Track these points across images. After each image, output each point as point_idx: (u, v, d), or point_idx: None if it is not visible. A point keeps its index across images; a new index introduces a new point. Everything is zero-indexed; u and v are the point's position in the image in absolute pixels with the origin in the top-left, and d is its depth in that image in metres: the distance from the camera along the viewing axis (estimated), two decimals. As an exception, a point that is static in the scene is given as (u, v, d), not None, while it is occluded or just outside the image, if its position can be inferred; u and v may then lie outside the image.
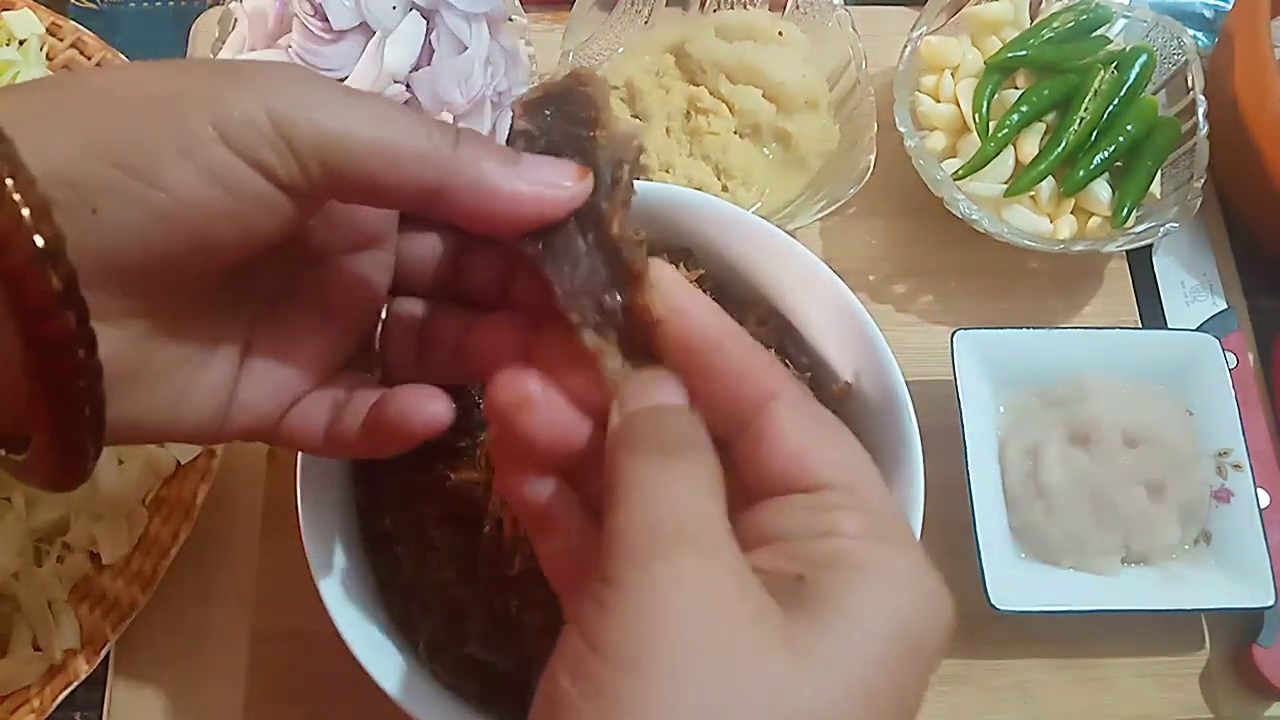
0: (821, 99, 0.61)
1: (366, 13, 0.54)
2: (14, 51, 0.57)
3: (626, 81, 0.59)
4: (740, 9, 0.63)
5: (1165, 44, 0.64)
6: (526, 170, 0.27)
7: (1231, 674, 0.55)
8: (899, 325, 0.61)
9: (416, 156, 0.26)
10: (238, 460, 0.54)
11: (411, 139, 0.26)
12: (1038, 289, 0.64)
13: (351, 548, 0.42)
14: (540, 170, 0.27)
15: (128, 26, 0.66)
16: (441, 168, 0.26)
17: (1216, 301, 0.64)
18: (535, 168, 0.27)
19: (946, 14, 0.64)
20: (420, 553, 0.42)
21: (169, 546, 0.49)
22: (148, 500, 0.51)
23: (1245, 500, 0.54)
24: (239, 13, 0.56)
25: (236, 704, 0.50)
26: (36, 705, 0.47)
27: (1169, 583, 0.53)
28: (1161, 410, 0.56)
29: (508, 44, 0.58)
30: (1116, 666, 0.54)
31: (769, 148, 0.61)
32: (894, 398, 0.43)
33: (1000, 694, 0.53)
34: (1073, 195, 0.60)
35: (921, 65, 0.64)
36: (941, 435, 0.51)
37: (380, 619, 0.41)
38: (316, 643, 0.39)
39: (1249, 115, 0.60)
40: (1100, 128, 0.61)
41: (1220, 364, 0.57)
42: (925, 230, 0.64)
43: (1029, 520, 0.53)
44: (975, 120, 0.61)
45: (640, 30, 0.63)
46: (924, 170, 0.60)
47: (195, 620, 0.51)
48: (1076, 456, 0.54)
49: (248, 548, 0.53)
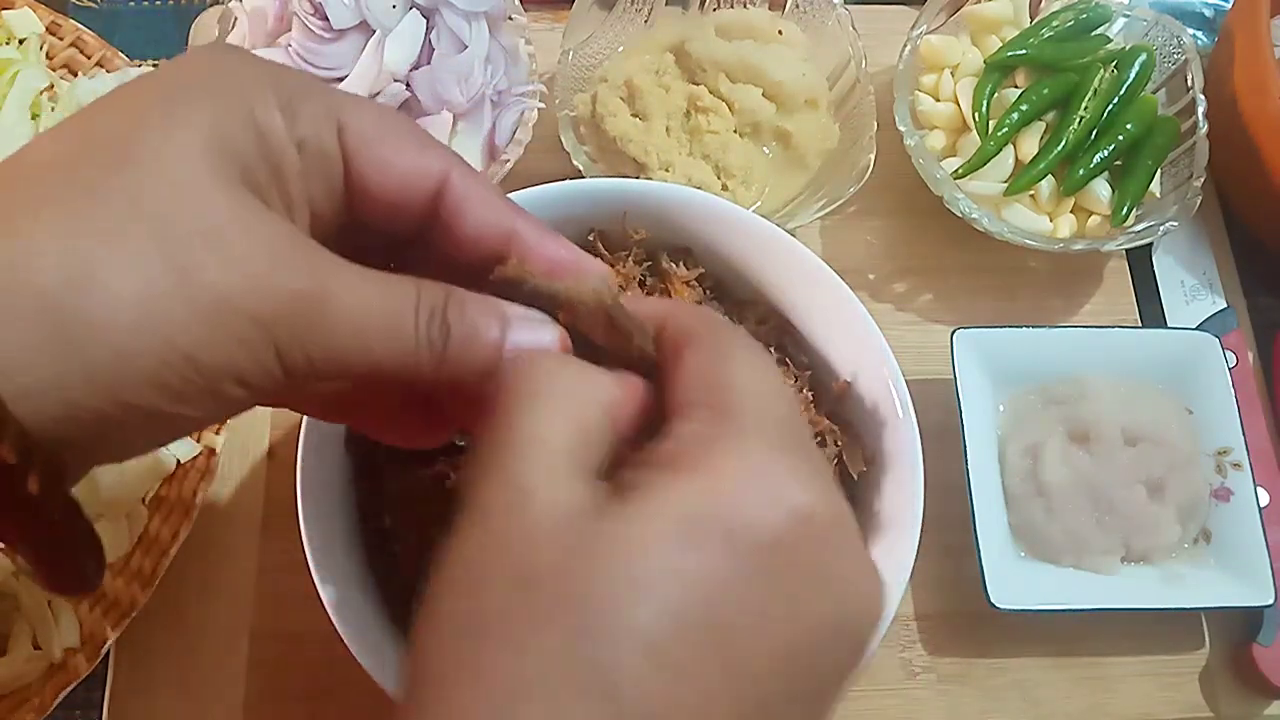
0: (821, 98, 0.61)
1: (366, 11, 0.54)
2: (14, 50, 0.57)
3: (626, 81, 0.59)
4: (740, 8, 0.63)
5: (1165, 43, 0.64)
6: (509, 364, 0.27)
7: (1231, 673, 0.55)
8: (899, 324, 0.61)
9: (391, 375, 0.26)
10: (238, 460, 0.54)
11: (392, 363, 0.26)
12: (1037, 288, 0.64)
13: (351, 548, 0.42)
14: (526, 334, 0.28)
15: (128, 25, 0.66)
16: (419, 378, 0.26)
17: (1216, 300, 0.64)
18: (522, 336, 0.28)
19: (946, 13, 0.64)
20: (420, 553, 0.42)
21: (169, 545, 0.49)
22: (148, 499, 0.50)
23: (1245, 499, 0.55)
24: (239, 12, 0.56)
25: (236, 703, 0.50)
26: (36, 704, 0.47)
27: (1169, 581, 0.53)
28: (1161, 409, 0.56)
29: (508, 43, 0.58)
30: (1116, 665, 0.54)
31: (769, 147, 0.61)
32: (894, 396, 0.43)
33: (1000, 693, 0.53)
34: (1072, 194, 0.60)
35: (921, 64, 0.64)
36: (941, 434, 0.51)
37: (380, 619, 0.41)
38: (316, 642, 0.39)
39: (1249, 114, 0.60)
40: (1100, 127, 0.61)
41: (1220, 363, 0.57)
42: (925, 229, 0.64)
43: (1029, 519, 0.53)
44: (975, 119, 0.61)
45: (640, 29, 0.63)
46: (924, 169, 0.60)
47: (195, 619, 0.51)
48: (1076, 455, 0.54)
49: (248, 547, 0.53)
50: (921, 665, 0.53)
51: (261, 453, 0.55)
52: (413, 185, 0.28)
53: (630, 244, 0.47)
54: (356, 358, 0.25)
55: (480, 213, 0.29)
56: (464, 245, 0.29)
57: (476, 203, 0.29)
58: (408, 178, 0.28)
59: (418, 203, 0.28)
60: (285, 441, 0.55)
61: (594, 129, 0.59)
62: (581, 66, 0.61)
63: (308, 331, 0.24)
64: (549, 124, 0.58)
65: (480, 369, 0.27)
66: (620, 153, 0.58)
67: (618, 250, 0.47)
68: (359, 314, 0.25)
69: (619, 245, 0.47)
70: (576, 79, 0.60)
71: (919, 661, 0.54)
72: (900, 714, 0.53)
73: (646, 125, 0.58)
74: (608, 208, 0.46)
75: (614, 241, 0.47)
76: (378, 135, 0.28)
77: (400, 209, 0.28)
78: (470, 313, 0.27)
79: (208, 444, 0.51)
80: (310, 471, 0.40)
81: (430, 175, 0.28)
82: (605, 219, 0.46)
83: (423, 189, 0.28)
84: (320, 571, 0.39)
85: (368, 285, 0.25)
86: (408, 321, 0.26)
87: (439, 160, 0.29)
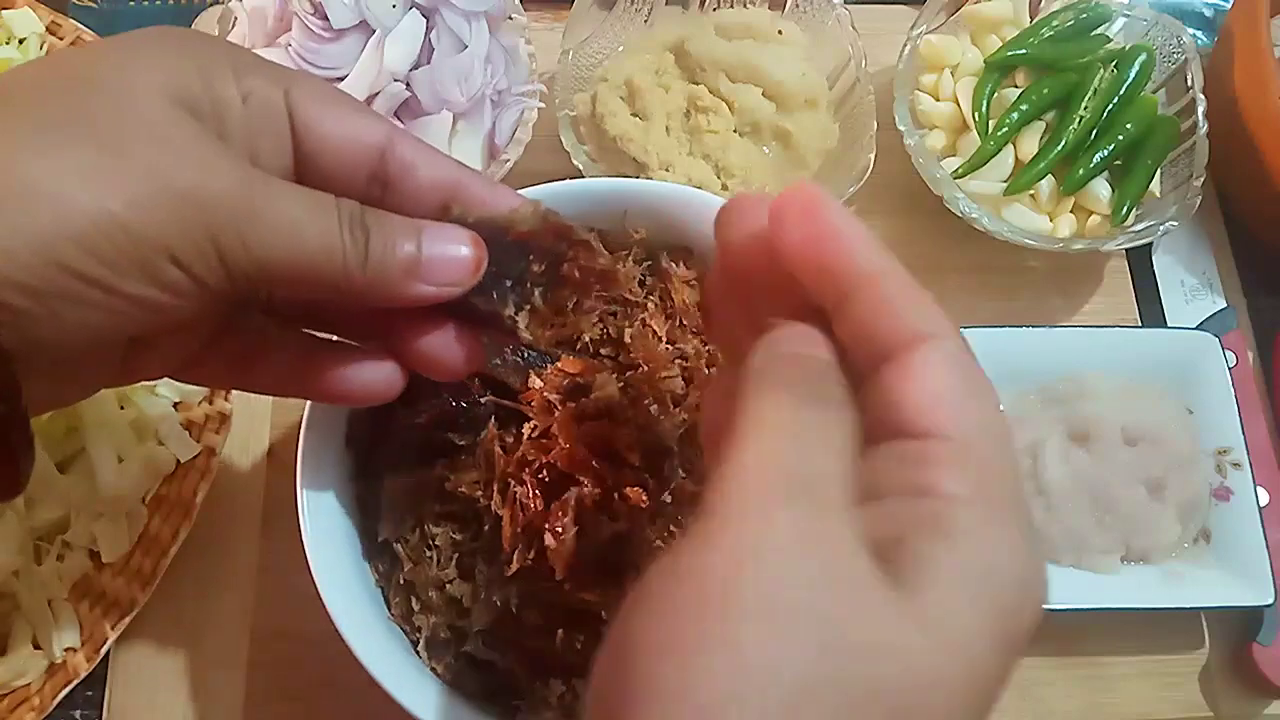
0: (821, 97, 0.61)
1: (366, 11, 0.54)
2: (13, 50, 0.57)
3: (626, 80, 0.59)
4: (740, 7, 0.63)
5: (1165, 42, 0.64)
6: (429, 270, 0.31)
7: (1231, 672, 0.55)
8: (899, 324, 0.61)
9: (330, 281, 0.30)
10: (238, 459, 0.54)
11: (325, 264, 0.29)
12: (1037, 287, 0.64)
13: (351, 547, 0.42)
14: (440, 245, 0.31)
15: (127, 24, 0.66)
16: (352, 285, 0.30)
17: (1216, 300, 0.64)
18: (436, 248, 0.31)
19: (946, 12, 0.64)
20: (420, 552, 0.42)
21: (169, 545, 0.49)
22: (148, 499, 0.50)
23: (1245, 498, 0.55)
24: (239, 11, 0.56)
25: (236, 702, 0.50)
26: (36, 703, 0.47)
27: (1169, 581, 0.53)
28: (1161, 408, 0.56)
29: (507, 42, 0.58)
30: (1116, 664, 0.54)
31: (769, 146, 0.61)
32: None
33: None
34: (1072, 194, 0.60)
35: (921, 64, 0.64)
36: (941, 434, 0.51)
37: (380, 618, 0.41)
38: (316, 642, 0.39)
39: (1248, 114, 0.60)
40: (1100, 126, 0.61)
41: (1220, 362, 0.57)
42: (925, 229, 0.64)
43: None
44: (975, 119, 0.61)
45: (640, 29, 0.63)
46: (924, 169, 0.60)
47: (195, 619, 0.51)
48: (1076, 455, 0.54)
49: (248, 547, 0.53)
50: (921, 665, 0.53)
51: (261, 452, 0.55)
52: (358, 144, 0.31)
53: (630, 244, 0.47)
54: (289, 256, 0.28)
55: (426, 170, 0.32)
56: (418, 200, 0.32)
57: (422, 162, 0.32)
58: (352, 137, 0.31)
59: (363, 163, 0.31)
60: (285, 441, 0.55)
61: (594, 129, 0.59)
62: (581, 66, 0.61)
63: (242, 219, 0.27)
64: (549, 124, 0.58)
65: (402, 270, 0.30)
66: (620, 153, 0.58)
67: (618, 250, 0.47)
68: (288, 208, 0.28)
69: (619, 245, 0.47)
70: (576, 79, 0.60)
71: (919, 661, 0.53)
72: (900, 713, 0.52)
73: (646, 125, 0.58)
74: (608, 208, 0.46)
75: (614, 241, 0.47)
76: (322, 101, 0.31)
77: (347, 169, 0.31)
78: (386, 222, 0.30)
79: (208, 444, 0.51)
80: (310, 471, 0.40)
81: (373, 136, 0.32)
82: (605, 219, 0.46)
83: (367, 149, 0.31)
84: (320, 571, 0.39)
85: (293, 190, 0.29)
86: (331, 219, 0.29)
87: (381, 125, 0.32)
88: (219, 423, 0.52)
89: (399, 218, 0.31)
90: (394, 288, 0.31)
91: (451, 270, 0.31)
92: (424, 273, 0.31)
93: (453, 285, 0.31)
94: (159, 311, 0.27)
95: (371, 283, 0.30)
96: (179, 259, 0.26)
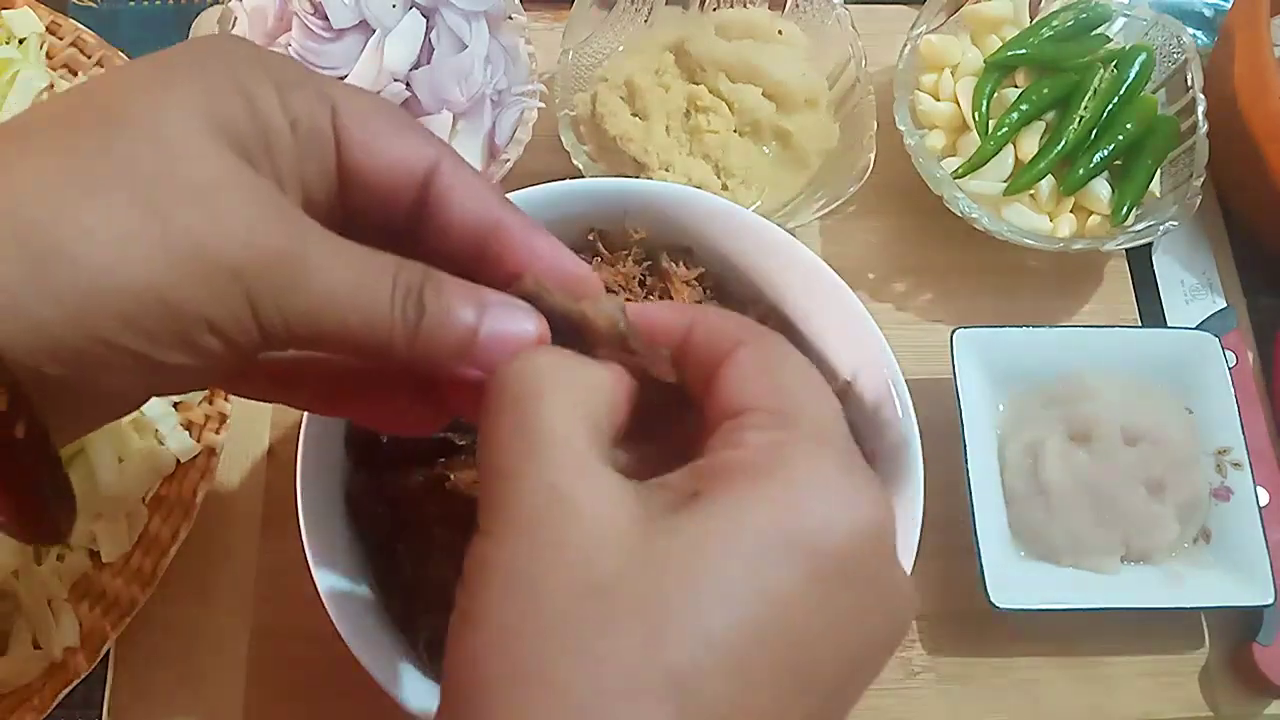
0: (821, 97, 0.61)
1: (366, 11, 0.54)
2: (14, 50, 0.57)
3: (626, 80, 0.59)
4: (740, 7, 0.63)
5: (1165, 42, 0.64)
6: (484, 352, 0.27)
7: (1231, 672, 0.55)
8: (898, 323, 0.61)
9: (369, 350, 0.26)
10: (238, 459, 0.54)
11: (368, 338, 0.26)
12: (1037, 287, 0.64)
13: (351, 548, 0.42)
14: (503, 324, 0.27)
15: (128, 25, 0.66)
16: (393, 356, 0.27)
17: (1216, 300, 0.64)
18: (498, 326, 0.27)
19: (946, 12, 0.64)
20: (420, 552, 0.42)
21: (169, 545, 0.49)
22: (148, 498, 0.50)
23: (1245, 498, 0.55)
24: (239, 11, 0.56)
25: (236, 702, 0.50)
26: (36, 703, 0.47)
27: (1169, 581, 0.53)
28: (1161, 408, 0.56)
29: (507, 42, 0.58)
30: (1116, 664, 0.54)
31: (769, 146, 0.61)
32: (893, 396, 0.43)
33: (1000, 692, 0.53)
34: (1072, 194, 0.60)
35: (921, 64, 0.64)
36: (941, 434, 0.51)
37: (380, 619, 0.41)
38: (316, 642, 0.39)
39: (1249, 114, 0.60)
40: (1100, 126, 0.61)
41: (1220, 362, 0.57)
42: (925, 228, 0.64)
43: (1029, 518, 0.53)
44: (975, 119, 0.61)
45: (640, 29, 0.63)
46: (923, 169, 0.60)
47: (195, 618, 0.51)
48: (1076, 455, 0.54)
49: (248, 547, 0.53)
50: (921, 665, 0.54)
51: (261, 453, 0.55)
52: (403, 169, 0.28)
53: (630, 244, 0.47)
54: (331, 323, 0.25)
55: (467, 202, 0.29)
56: (450, 235, 0.29)
57: (463, 191, 0.29)
58: (399, 162, 0.28)
59: (408, 189, 0.29)
60: (285, 441, 0.55)
61: (594, 128, 0.59)
62: (581, 66, 0.61)
63: (284, 290, 0.25)
64: (549, 123, 0.58)
65: (453, 350, 0.27)
66: (620, 152, 0.58)
67: (618, 250, 0.47)
68: (336, 279, 0.25)
69: (619, 245, 0.47)
70: (576, 78, 0.60)
71: (919, 661, 0.54)
72: (900, 713, 0.53)
73: (646, 125, 0.58)
74: (608, 208, 0.46)
75: (614, 241, 0.47)
76: (370, 120, 0.28)
77: (391, 195, 0.29)
78: (447, 293, 0.27)
79: (208, 444, 0.51)
80: (310, 471, 0.40)
81: (421, 160, 0.29)
82: (605, 219, 0.46)
83: (413, 174, 0.29)
84: (320, 571, 0.39)
85: (348, 253, 0.26)
86: (383, 292, 0.26)
87: (430, 147, 0.29)
88: (219, 422, 0.52)
89: (460, 285, 0.27)
90: (439, 366, 0.27)
91: (507, 355, 0.27)
92: (477, 356, 0.27)
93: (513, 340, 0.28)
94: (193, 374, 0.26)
95: (415, 358, 0.27)
96: (217, 327, 0.24)
